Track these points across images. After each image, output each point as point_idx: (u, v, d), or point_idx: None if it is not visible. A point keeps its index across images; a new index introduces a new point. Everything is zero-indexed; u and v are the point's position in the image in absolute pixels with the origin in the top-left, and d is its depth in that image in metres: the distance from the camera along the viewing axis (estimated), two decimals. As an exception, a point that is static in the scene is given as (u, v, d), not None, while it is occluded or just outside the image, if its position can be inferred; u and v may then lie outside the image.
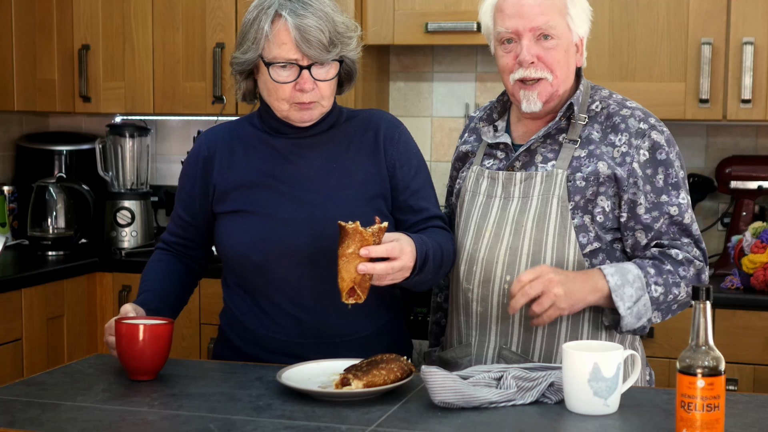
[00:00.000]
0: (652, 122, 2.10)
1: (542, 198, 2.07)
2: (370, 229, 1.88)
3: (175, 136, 4.10)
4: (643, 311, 2.01)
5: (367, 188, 2.13)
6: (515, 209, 2.10)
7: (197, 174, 2.18)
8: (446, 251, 2.09)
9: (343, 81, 2.18)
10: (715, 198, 3.52)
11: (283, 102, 2.07)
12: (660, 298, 2.03)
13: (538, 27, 2.04)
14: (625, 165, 2.06)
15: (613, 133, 2.09)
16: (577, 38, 2.11)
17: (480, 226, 2.13)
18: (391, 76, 3.85)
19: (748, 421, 1.68)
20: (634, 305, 2.00)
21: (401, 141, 2.18)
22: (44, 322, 3.24)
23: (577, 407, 1.71)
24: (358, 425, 1.65)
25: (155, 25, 3.67)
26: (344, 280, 1.88)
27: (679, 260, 2.05)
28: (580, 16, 2.10)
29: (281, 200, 2.10)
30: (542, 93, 2.08)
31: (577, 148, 2.08)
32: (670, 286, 2.03)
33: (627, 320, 2.00)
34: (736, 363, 2.91)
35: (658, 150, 2.07)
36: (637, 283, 2.00)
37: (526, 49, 2.05)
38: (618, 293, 1.99)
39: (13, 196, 3.81)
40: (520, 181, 2.11)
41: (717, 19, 3.15)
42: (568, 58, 2.09)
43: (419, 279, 2.01)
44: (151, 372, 1.93)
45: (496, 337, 2.10)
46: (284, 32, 2.02)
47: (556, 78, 2.07)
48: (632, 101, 2.16)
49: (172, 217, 2.26)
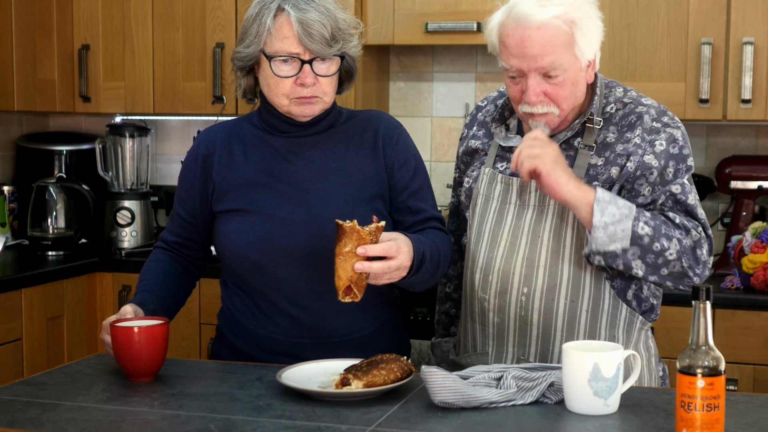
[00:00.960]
0: (666, 120, 2.07)
1: (559, 207, 2.05)
2: (368, 228, 1.89)
3: (175, 136, 4.10)
4: (620, 236, 1.94)
5: (366, 188, 2.13)
6: (531, 218, 2.08)
7: (196, 173, 2.18)
8: (443, 253, 2.09)
9: (343, 79, 2.18)
10: (715, 198, 3.52)
11: (284, 97, 2.08)
12: (644, 239, 1.95)
13: (542, 68, 1.99)
14: (636, 156, 2.03)
15: (629, 131, 2.06)
16: (589, 61, 2.05)
17: (495, 233, 2.12)
18: (391, 76, 3.85)
19: (748, 421, 1.68)
20: (611, 224, 1.94)
21: (400, 142, 2.19)
22: (44, 322, 3.24)
23: (577, 407, 1.71)
24: (358, 425, 1.65)
25: (155, 25, 3.67)
26: (341, 279, 1.88)
27: (677, 223, 2.00)
28: (591, 38, 2.04)
29: (280, 200, 2.10)
30: (550, 123, 2.06)
31: (593, 155, 2.06)
32: (659, 235, 1.96)
33: (598, 234, 1.94)
34: (736, 363, 2.91)
35: (672, 144, 2.05)
36: (624, 210, 1.95)
37: (531, 90, 2.01)
38: (600, 205, 1.94)
39: (13, 196, 3.81)
40: (536, 189, 2.08)
41: (717, 19, 3.15)
42: (576, 87, 2.04)
43: (416, 279, 2.01)
44: (150, 373, 1.93)
45: (514, 348, 2.09)
46: (287, 26, 2.03)
47: (562, 111, 2.04)
48: (648, 98, 2.13)
49: (171, 216, 2.26)
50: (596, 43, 2.06)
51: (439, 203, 3.57)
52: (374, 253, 1.88)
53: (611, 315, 2.06)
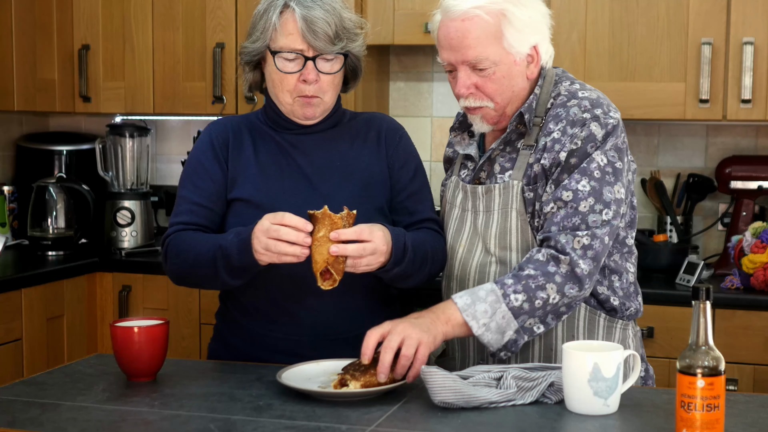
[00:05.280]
0: (597, 113, 1.98)
1: (502, 212, 2.04)
2: (339, 214, 1.90)
3: (175, 136, 4.10)
4: (505, 323, 1.89)
5: (369, 186, 2.15)
6: (482, 224, 2.08)
7: (212, 159, 2.14)
8: (432, 248, 2.10)
9: (348, 78, 2.20)
10: (715, 198, 3.52)
11: (287, 94, 2.09)
12: (524, 305, 1.89)
13: (468, 61, 1.98)
14: (552, 153, 1.97)
15: (553, 123, 2.00)
16: (524, 54, 2.00)
17: (455, 240, 2.13)
18: (391, 76, 3.85)
19: (748, 421, 1.68)
20: (491, 320, 1.88)
21: (401, 143, 2.21)
22: (44, 322, 3.24)
23: (577, 407, 1.71)
24: (358, 425, 1.65)
25: (155, 25, 3.67)
26: (317, 263, 1.90)
27: (542, 261, 1.92)
28: (522, 32, 1.98)
29: (285, 195, 2.11)
30: (486, 117, 2.04)
31: (532, 154, 2.02)
32: (533, 291, 1.89)
33: (487, 338, 1.89)
34: (736, 363, 2.91)
35: (590, 143, 1.96)
36: (490, 297, 1.89)
37: (461, 82, 2.00)
38: (468, 312, 1.88)
39: (13, 196, 3.81)
40: (482, 195, 2.07)
41: (717, 19, 3.15)
42: (511, 81, 2.00)
43: (401, 271, 2.02)
44: (150, 373, 1.93)
45: (475, 353, 2.09)
46: (291, 22, 2.05)
47: (497, 104, 2.02)
48: (590, 92, 2.04)
49: (179, 211, 2.14)
50: (533, 35, 2.01)
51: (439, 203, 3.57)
52: (347, 236, 1.89)
53: (567, 317, 2.01)
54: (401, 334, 1.82)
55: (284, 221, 1.89)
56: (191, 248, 2.05)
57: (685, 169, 3.54)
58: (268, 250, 1.90)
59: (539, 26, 2.02)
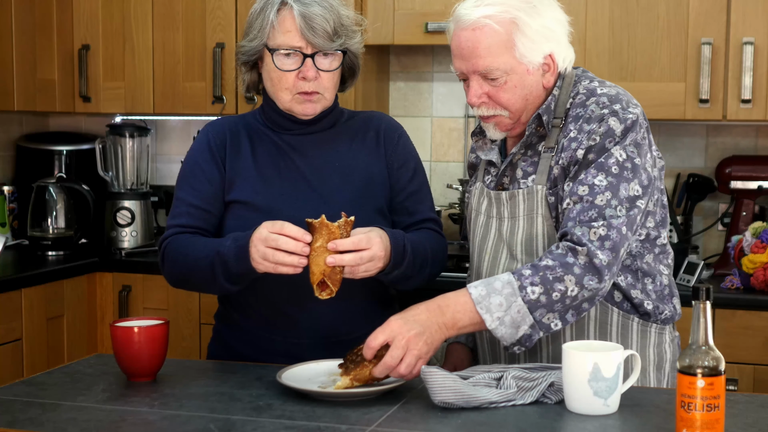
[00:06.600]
0: (616, 108, 1.94)
1: (527, 218, 2.00)
2: (337, 223, 1.90)
3: (175, 136, 4.10)
4: (521, 317, 1.83)
5: (369, 186, 2.14)
6: (507, 230, 2.04)
7: (209, 160, 2.13)
8: (432, 250, 2.10)
9: (346, 77, 2.19)
10: (715, 198, 3.52)
11: (286, 92, 2.09)
12: (541, 298, 1.83)
13: (479, 71, 1.96)
14: (569, 151, 1.94)
15: (573, 123, 1.97)
16: (537, 64, 1.97)
17: (481, 248, 2.10)
18: (391, 76, 3.85)
19: (748, 421, 1.68)
20: (506, 314, 1.83)
21: (401, 143, 2.20)
22: (44, 322, 3.24)
23: (577, 407, 1.71)
24: (358, 425, 1.65)
25: (155, 25, 3.67)
26: (314, 274, 1.89)
27: (559, 254, 1.86)
28: (535, 41, 1.95)
29: (284, 197, 2.11)
30: (500, 125, 2.02)
31: (553, 156, 1.98)
32: (550, 284, 1.83)
33: (501, 332, 1.83)
34: (736, 363, 2.91)
35: (609, 138, 1.92)
36: (506, 290, 1.83)
37: (472, 92, 1.98)
38: (483, 304, 1.83)
39: (13, 196, 3.81)
40: (506, 201, 2.04)
41: (717, 19, 3.15)
42: (524, 90, 1.97)
43: (400, 273, 2.02)
44: (150, 373, 1.93)
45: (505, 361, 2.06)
46: (289, 20, 2.05)
47: (511, 113, 1.99)
48: (609, 88, 2.00)
49: (176, 213, 2.13)
50: (547, 45, 1.97)
51: (439, 203, 3.57)
52: (344, 246, 1.89)
53: (600, 321, 1.99)
54: (404, 349, 1.79)
55: (283, 231, 1.89)
56: (189, 253, 2.05)
57: (685, 169, 3.54)
58: (266, 260, 1.90)
59: (554, 34, 1.98)
